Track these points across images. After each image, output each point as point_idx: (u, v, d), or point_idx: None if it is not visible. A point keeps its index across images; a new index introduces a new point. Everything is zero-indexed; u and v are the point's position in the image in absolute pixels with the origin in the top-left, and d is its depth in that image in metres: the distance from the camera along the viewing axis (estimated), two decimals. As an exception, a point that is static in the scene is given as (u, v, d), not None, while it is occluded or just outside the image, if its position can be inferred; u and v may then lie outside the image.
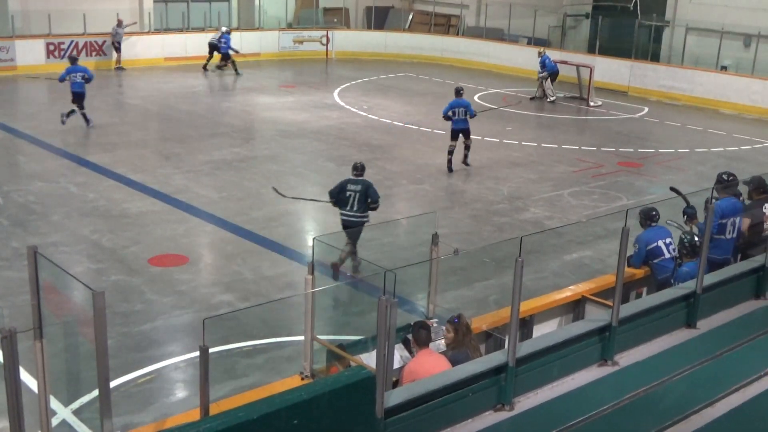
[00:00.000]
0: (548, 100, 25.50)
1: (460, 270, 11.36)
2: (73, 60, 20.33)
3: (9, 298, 10.03)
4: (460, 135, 16.65)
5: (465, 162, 16.97)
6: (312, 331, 6.74)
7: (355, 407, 4.92)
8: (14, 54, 26.91)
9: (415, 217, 13.56)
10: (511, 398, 5.65)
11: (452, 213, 14.29)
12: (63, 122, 19.21)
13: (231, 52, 28.08)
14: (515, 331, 5.64)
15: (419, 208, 14.44)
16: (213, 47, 28.26)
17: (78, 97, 19.48)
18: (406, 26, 35.33)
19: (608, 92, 26.98)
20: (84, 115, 19.54)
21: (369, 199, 11.19)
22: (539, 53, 26.12)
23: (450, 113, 16.72)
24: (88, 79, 19.59)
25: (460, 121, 16.51)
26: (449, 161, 16.69)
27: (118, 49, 28.26)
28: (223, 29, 28.55)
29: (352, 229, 11.01)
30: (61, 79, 19.65)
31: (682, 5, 28.99)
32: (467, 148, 16.90)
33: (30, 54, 27.04)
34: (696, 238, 8.47)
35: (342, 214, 11.27)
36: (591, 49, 30.33)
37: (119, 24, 28.14)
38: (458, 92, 17.14)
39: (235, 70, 27.72)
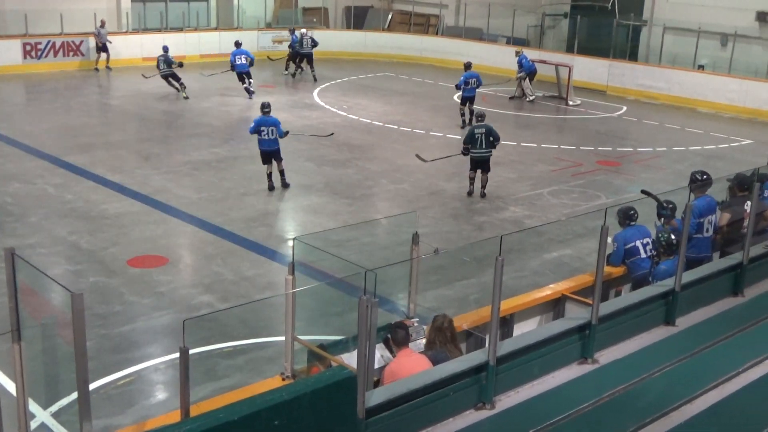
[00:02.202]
0: (527, 99, 25.59)
1: (440, 269, 11.38)
2: (238, 44, 24.93)
3: (-14, 301, 9.93)
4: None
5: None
6: (292, 332, 6.73)
7: (337, 407, 4.91)
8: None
9: (395, 217, 13.57)
10: (492, 397, 5.67)
11: (432, 212, 14.31)
12: (251, 96, 23.64)
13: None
14: (496, 330, 5.65)
15: (399, 207, 14.45)
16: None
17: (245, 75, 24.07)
18: (386, 26, 35.34)
19: (587, 91, 27.11)
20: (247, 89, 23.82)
21: (491, 137, 15.08)
22: (516, 53, 26.22)
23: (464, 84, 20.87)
24: (251, 61, 24.29)
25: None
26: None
27: (103, 49, 28.04)
28: (303, 31, 28.34)
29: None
30: (232, 65, 24.31)
31: (659, 5, 29.21)
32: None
33: (6, 54, 26.81)
34: (672, 237, 8.52)
35: (473, 152, 15.11)
36: (569, 49, 30.50)
37: (102, 24, 27.96)
38: (468, 66, 21.36)
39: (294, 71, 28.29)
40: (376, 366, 6.24)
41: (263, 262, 11.87)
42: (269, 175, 15.24)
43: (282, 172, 15.38)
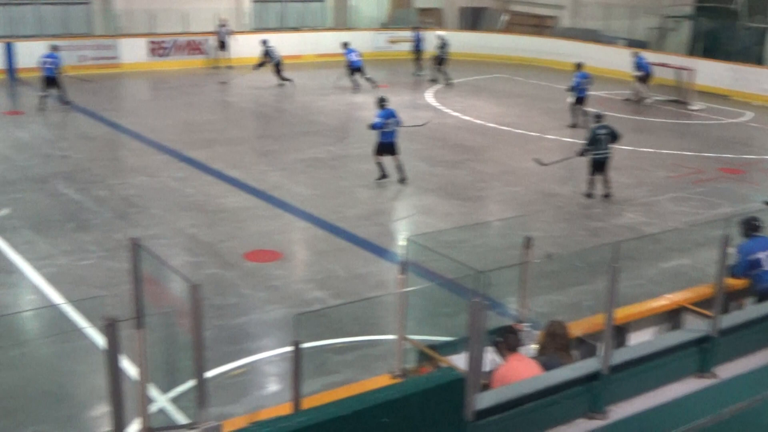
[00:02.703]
0: (645, 101, 24.93)
1: (552, 274, 11.22)
2: (347, 44, 26.05)
3: (111, 288, 10.38)
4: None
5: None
6: (403, 331, 6.77)
7: (445, 408, 4.91)
8: (118, 52, 27.83)
9: (508, 220, 13.47)
10: (603, 406, 5.55)
11: (545, 216, 14.12)
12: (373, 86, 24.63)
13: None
14: (609, 339, 5.54)
15: (512, 210, 14.32)
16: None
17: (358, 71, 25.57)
18: (501, 27, 35.07)
19: (709, 96, 26.21)
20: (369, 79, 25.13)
21: (614, 137, 14.90)
22: (633, 54, 25.60)
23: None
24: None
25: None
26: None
27: (223, 47, 28.84)
28: (442, 33, 28.30)
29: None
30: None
31: (789, 6, 27.99)
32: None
33: (133, 51, 27.93)
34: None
35: (596, 153, 14.84)
36: (691, 52, 29.54)
37: (223, 24, 28.78)
38: (579, 66, 21.59)
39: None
40: (486, 369, 6.20)
41: (375, 261, 11.97)
42: (380, 164, 15.54)
43: (399, 167, 15.58)
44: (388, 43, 32.98)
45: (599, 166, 15.04)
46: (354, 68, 25.75)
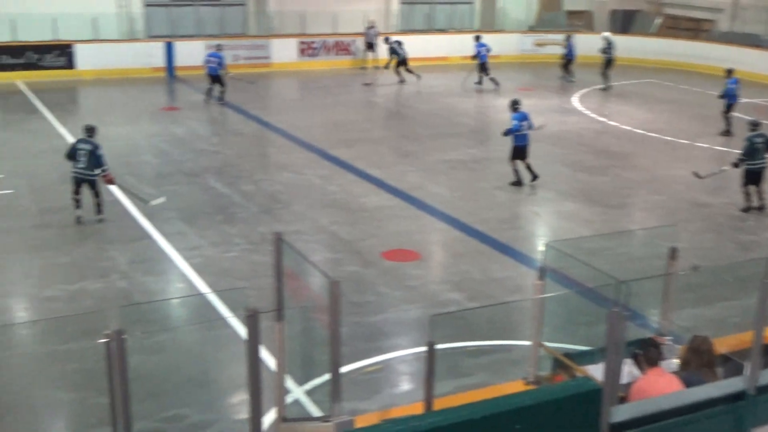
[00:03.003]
0: None
1: (698, 287, 10.79)
2: (479, 38, 26.06)
3: (254, 280, 10.73)
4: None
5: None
6: (538, 337, 6.69)
7: (580, 419, 4.83)
8: (270, 51, 28.73)
9: (653, 229, 13.05)
10: (749, 428, 5.32)
11: (693, 227, 13.60)
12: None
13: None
14: (757, 357, 5.30)
15: (657, 219, 13.87)
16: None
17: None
18: (654, 30, 34.01)
19: None
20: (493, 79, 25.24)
21: None
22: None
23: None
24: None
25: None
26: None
27: (371, 48, 29.33)
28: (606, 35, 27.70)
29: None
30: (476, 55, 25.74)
31: None
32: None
33: (284, 51, 28.78)
34: None
35: (751, 164, 14.15)
36: None
37: (371, 25, 29.24)
38: (730, 72, 20.51)
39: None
40: (623, 381, 6.05)
41: (512, 265, 11.87)
42: (516, 170, 15.46)
43: (529, 167, 15.53)
44: (535, 46, 32.59)
45: (755, 177, 14.30)
46: (481, 63, 25.77)
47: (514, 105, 15.66)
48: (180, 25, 28.44)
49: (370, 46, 29.41)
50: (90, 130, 13.07)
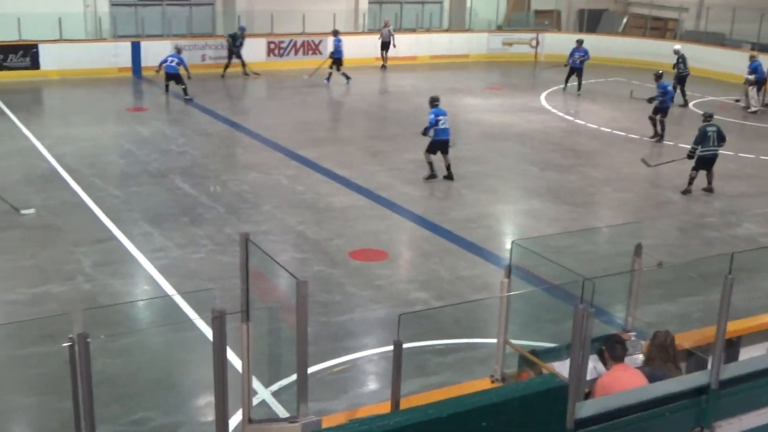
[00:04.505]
0: (750, 110, 23.78)
1: (662, 284, 10.90)
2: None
3: (220, 281, 10.66)
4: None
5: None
6: (505, 335, 6.71)
7: (545, 415, 4.85)
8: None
9: (618, 227, 13.15)
10: (711, 422, 5.37)
11: (657, 224, 13.73)
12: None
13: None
14: (720, 352, 5.35)
15: (623, 217, 13.98)
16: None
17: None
18: (620, 29, 34.29)
19: None
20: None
21: (722, 135, 15.03)
22: (751, 57, 24.49)
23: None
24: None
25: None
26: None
27: (386, 48, 29.40)
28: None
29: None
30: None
31: None
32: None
33: (252, 51, 28.58)
34: None
35: (704, 150, 14.97)
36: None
37: (385, 25, 29.24)
38: (660, 76, 19.75)
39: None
40: (589, 377, 6.08)
41: (479, 263, 11.90)
42: (431, 163, 15.75)
43: (449, 166, 15.77)
44: (504, 45, 32.73)
45: (706, 164, 15.12)
46: (336, 57, 25.94)
47: (433, 102, 15.84)
48: (147, 24, 28.17)
49: (386, 45, 29.42)
50: None
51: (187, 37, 27.63)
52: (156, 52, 25.50)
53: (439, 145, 15.74)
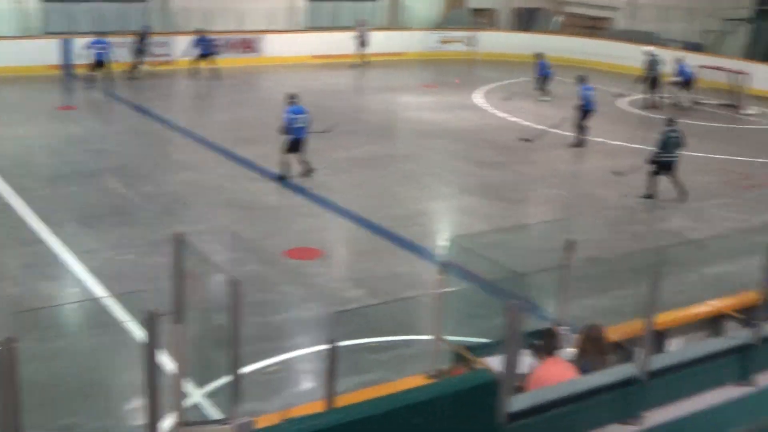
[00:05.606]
0: (679, 105, 24.29)
1: (593, 278, 11.08)
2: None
3: (154, 283, 10.47)
4: None
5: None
6: (439, 331, 6.74)
7: (478, 410, 4.88)
8: (172, 49, 28.12)
9: (550, 222, 13.34)
10: (639, 412, 5.48)
11: (588, 219, 13.96)
12: None
13: None
14: (648, 344, 5.46)
15: (554, 213, 14.20)
16: None
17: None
18: (555, 28, 34.77)
19: (766, 101, 25.64)
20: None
21: (682, 140, 15.06)
22: (677, 60, 24.83)
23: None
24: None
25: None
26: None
27: (363, 45, 29.41)
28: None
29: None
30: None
31: None
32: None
33: (188, 49, 28.19)
34: None
35: (666, 156, 14.92)
36: (749, 55, 28.93)
37: (362, 22, 29.17)
38: (583, 78, 19.58)
39: None
40: (521, 371, 6.15)
41: (414, 261, 11.95)
42: (287, 165, 15.43)
43: (305, 161, 15.57)
44: (440, 43, 32.90)
45: (666, 168, 15.11)
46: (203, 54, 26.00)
47: (290, 99, 15.60)
48: (78, 21, 27.56)
49: (362, 42, 29.34)
50: None
51: (121, 34, 27.12)
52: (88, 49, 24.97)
53: (295, 144, 15.39)
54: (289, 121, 15.31)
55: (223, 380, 7.57)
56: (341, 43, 30.11)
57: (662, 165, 15.05)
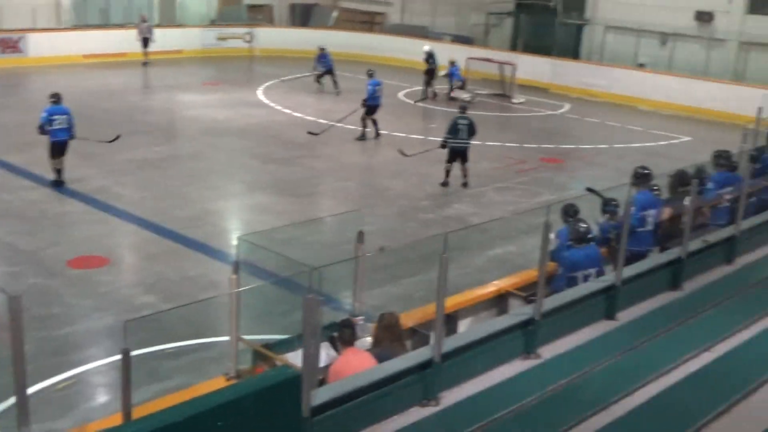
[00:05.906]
0: (447, 93, 25.41)
1: (385, 267, 11.39)
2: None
3: None
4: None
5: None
6: (237, 331, 6.66)
7: (281, 406, 4.88)
8: None
9: (340, 215, 13.55)
10: (436, 393, 5.69)
11: (377, 210, 14.32)
12: None
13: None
14: (440, 327, 5.67)
15: (345, 205, 14.43)
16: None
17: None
18: (331, 23, 35.25)
19: (530, 89, 27.36)
20: None
21: (472, 128, 15.71)
22: (451, 63, 25.84)
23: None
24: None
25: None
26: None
27: (146, 43, 28.29)
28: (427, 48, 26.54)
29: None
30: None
31: (601, 4, 29.65)
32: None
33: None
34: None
35: (455, 143, 15.55)
36: (514, 47, 30.75)
37: (143, 19, 27.88)
38: (371, 74, 20.26)
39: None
40: (322, 364, 6.21)
41: (207, 262, 11.76)
42: (59, 171, 14.71)
43: (62, 170, 14.74)
44: (218, 40, 32.43)
45: (457, 155, 15.72)
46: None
47: (51, 98, 14.76)
48: None
49: (146, 41, 28.09)
50: None
51: None
52: None
53: (58, 146, 14.53)
54: (45, 121, 14.30)
55: (9, 402, 7.14)
56: (114, 41, 29.00)
57: (452, 151, 15.73)
